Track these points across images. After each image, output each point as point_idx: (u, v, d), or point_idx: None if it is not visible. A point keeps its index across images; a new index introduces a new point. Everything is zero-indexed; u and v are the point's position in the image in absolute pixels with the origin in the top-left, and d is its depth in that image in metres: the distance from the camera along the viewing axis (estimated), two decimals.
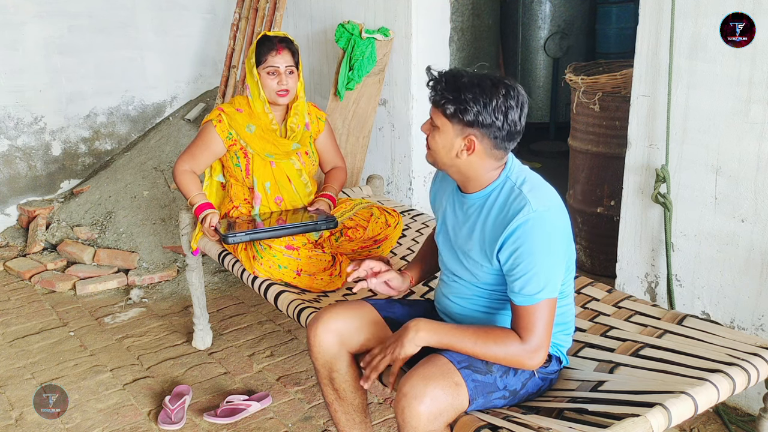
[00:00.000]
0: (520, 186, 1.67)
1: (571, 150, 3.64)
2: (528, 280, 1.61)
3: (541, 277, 1.61)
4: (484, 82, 1.61)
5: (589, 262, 3.62)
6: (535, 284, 1.61)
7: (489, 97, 1.60)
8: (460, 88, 1.61)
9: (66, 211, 4.16)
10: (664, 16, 2.43)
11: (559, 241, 1.65)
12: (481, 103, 1.60)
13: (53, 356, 3.07)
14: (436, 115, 1.67)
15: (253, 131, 2.59)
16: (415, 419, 1.56)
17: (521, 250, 1.61)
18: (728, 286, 2.46)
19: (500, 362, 1.66)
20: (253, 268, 2.46)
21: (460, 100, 1.60)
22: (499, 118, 1.61)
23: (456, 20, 4.87)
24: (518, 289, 1.63)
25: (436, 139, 1.69)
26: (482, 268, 1.74)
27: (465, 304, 1.84)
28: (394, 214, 2.74)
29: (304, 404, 2.68)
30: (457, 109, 1.61)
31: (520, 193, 1.65)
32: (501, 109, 1.61)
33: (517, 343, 1.63)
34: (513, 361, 1.64)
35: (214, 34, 4.79)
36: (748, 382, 1.72)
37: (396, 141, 3.69)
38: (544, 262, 1.61)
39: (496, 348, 1.63)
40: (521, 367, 1.66)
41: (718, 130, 2.37)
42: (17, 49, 4.13)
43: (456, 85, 1.61)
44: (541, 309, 1.63)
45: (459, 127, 1.64)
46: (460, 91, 1.60)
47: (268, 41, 2.55)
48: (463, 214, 1.78)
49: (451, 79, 1.63)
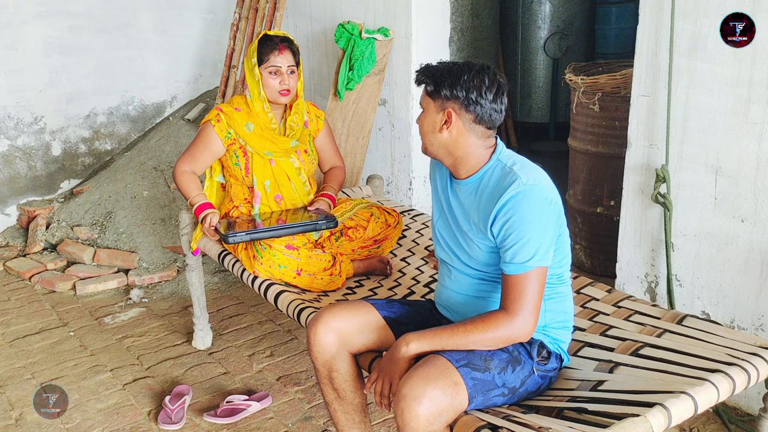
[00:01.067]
0: (511, 166, 1.76)
1: (571, 150, 3.64)
2: (519, 249, 1.67)
3: (531, 245, 1.67)
4: (458, 64, 1.77)
5: (589, 262, 3.62)
6: (526, 252, 1.67)
7: (461, 72, 1.74)
8: (438, 69, 1.78)
9: (66, 211, 4.16)
10: (664, 16, 2.43)
11: (549, 212, 1.71)
12: (455, 76, 1.73)
13: (53, 356, 3.07)
14: (422, 98, 1.82)
15: (251, 130, 2.59)
16: (414, 421, 1.56)
17: (512, 220, 1.68)
18: (728, 286, 2.46)
19: (494, 344, 1.69)
20: (253, 267, 2.46)
21: (436, 77, 1.76)
22: (471, 90, 1.73)
23: (456, 20, 4.87)
24: (509, 259, 1.69)
25: (422, 120, 1.82)
26: (478, 245, 1.79)
27: (462, 290, 1.87)
28: (394, 214, 2.74)
29: (304, 404, 2.68)
30: (435, 85, 1.76)
31: (511, 170, 1.74)
32: (473, 83, 1.73)
33: (505, 321, 1.68)
34: (504, 339, 1.69)
35: (214, 34, 4.79)
36: (748, 382, 1.72)
37: (396, 141, 3.69)
38: (535, 230, 1.68)
39: (486, 332, 1.68)
40: (514, 342, 1.71)
41: (718, 130, 2.37)
42: (17, 49, 4.13)
43: (435, 67, 1.79)
44: (531, 278, 1.68)
45: (438, 103, 1.77)
46: (438, 70, 1.77)
47: (270, 41, 2.55)
48: (459, 198, 1.84)
49: (433, 65, 1.81)
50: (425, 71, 1.80)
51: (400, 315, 1.95)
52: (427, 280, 2.50)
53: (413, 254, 2.71)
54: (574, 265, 3.66)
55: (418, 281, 2.51)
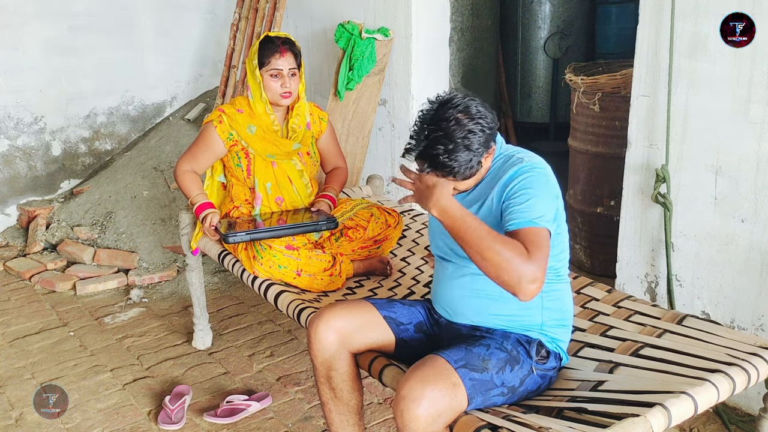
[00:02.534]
0: (513, 154, 1.81)
1: (571, 150, 3.64)
2: (525, 208, 1.67)
3: (537, 206, 1.68)
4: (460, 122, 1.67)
5: (589, 262, 3.62)
6: (532, 211, 1.67)
7: (478, 124, 1.69)
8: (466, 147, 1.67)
9: (66, 211, 4.16)
10: (664, 16, 2.43)
11: (550, 187, 1.75)
12: (481, 132, 1.69)
13: (53, 356, 3.07)
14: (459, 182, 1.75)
15: (254, 132, 2.59)
16: (413, 422, 1.56)
17: (517, 187, 1.71)
18: (728, 286, 2.46)
19: (498, 269, 1.57)
20: (253, 268, 2.46)
21: (476, 153, 1.69)
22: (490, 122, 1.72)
23: (456, 20, 4.87)
24: (517, 215, 1.66)
25: (467, 184, 1.78)
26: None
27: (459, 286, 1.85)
28: (394, 215, 2.74)
29: (304, 404, 2.68)
30: (479, 158, 1.71)
31: (512, 156, 1.80)
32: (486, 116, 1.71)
33: (525, 257, 1.57)
34: (512, 270, 1.56)
35: (214, 34, 4.79)
36: (748, 382, 1.72)
37: (396, 141, 3.69)
38: (540, 195, 1.70)
39: (504, 250, 1.57)
40: (516, 286, 1.56)
41: (718, 130, 2.37)
42: (17, 49, 4.13)
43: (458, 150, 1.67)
44: (541, 234, 1.63)
45: (477, 161, 1.72)
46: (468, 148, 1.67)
47: (271, 43, 2.55)
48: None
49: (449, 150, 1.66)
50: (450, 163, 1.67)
51: (400, 315, 1.95)
52: (427, 280, 2.49)
53: (413, 254, 2.71)
54: (574, 265, 3.66)
55: (418, 281, 2.51)
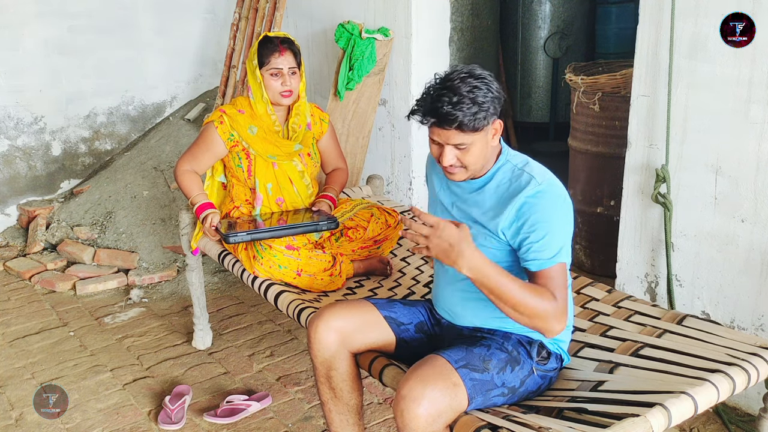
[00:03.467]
0: (522, 167, 1.76)
1: (571, 150, 3.64)
2: (545, 245, 1.67)
3: (555, 241, 1.67)
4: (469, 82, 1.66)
5: (589, 262, 3.62)
6: (551, 248, 1.67)
7: (486, 85, 1.67)
8: (472, 100, 1.64)
9: (66, 211, 4.16)
10: (664, 16, 2.43)
11: (566, 208, 1.72)
12: (488, 91, 1.66)
13: (53, 356, 3.07)
14: (464, 137, 1.67)
15: (255, 133, 2.59)
16: (414, 422, 1.56)
17: (533, 219, 1.68)
18: (728, 286, 2.46)
19: (531, 318, 1.61)
20: (253, 268, 2.46)
21: (482, 107, 1.65)
22: (498, 89, 1.70)
23: (456, 20, 4.86)
24: (535, 256, 1.68)
25: (472, 153, 1.71)
26: (482, 244, 1.75)
27: (460, 289, 1.84)
28: (394, 214, 2.74)
29: (304, 404, 2.68)
30: (487, 114, 1.67)
31: (523, 172, 1.74)
32: (493, 82, 1.69)
33: (553, 301, 1.63)
34: (543, 317, 1.61)
35: (214, 34, 4.79)
36: (748, 382, 1.73)
37: (396, 141, 3.69)
38: (557, 226, 1.68)
39: (535, 301, 1.61)
40: (546, 328, 1.63)
41: (718, 130, 2.37)
42: (17, 49, 4.13)
43: (466, 103, 1.63)
44: (559, 272, 1.67)
45: (488, 127, 1.70)
46: (474, 101, 1.64)
47: (270, 43, 2.55)
48: (459, 198, 1.84)
49: (456, 103, 1.64)
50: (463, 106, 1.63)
51: (400, 315, 1.95)
52: (427, 280, 2.50)
53: (413, 254, 2.71)
54: (574, 264, 3.66)
55: (418, 281, 2.51)
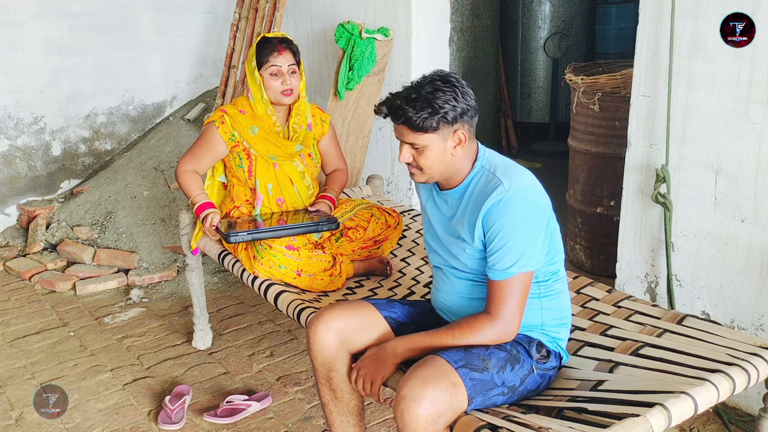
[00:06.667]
0: (494, 171, 1.76)
1: (571, 150, 3.64)
2: (501, 256, 1.70)
3: (514, 252, 1.68)
4: (435, 85, 1.69)
5: (589, 262, 3.62)
6: (508, 259, 1.69)
7: (452, 91, 1.69)
8: (428, 101, 1.67)
9: (66, 211, 4.16)
10: (664, 16, 2.43)
11: (534, 216, 1.71)
12: (452, 98, 1.68)
13: (53, 356, 3.07)
14: (415, 137, 1.72)
15: (256, 133, 2.58)
16: (414, 422, 1.56)
17: (495, 227, 1.70)
18: (728, 286, 2.46)
19: (479, 342, 1.73)
20: (253, 268, 2.46)
21: (437, 110, 1.67)
22: (468, 100, 1.71)
23: (456, 20, 4.87)
24: (492, 264, 1.72)
25: (427, 156, 1.74)
26: (466, 251, 1.79)
27: (457, 293, 1.88)
28: (394, 215, 2.74)
29: (304, 404, 2.68)
30: (440, 118, 1.68)
31: (494, 176, 1.74)
32: (466, 92, 1.71)
33: (489, 325, 1.71)
34: (490, 341, 1.72)
35: (214, 34, 4.79)
36: (748, 382, 1.72)
37: (396, 141, 3.67)
38: (518, 237, 1.68)
39: (473, 335, 1.72)
40: (495, 341, 1.73)
41: (718, 130, 2.37)
42: (17, 49, 4.13)
43: (420, 101, 1.67)
44: (514, 283, 1.70)
45: (445, 131, 1.71)
46: (430, 102, 1.67)
47: (269, 43, 2.55)
48: (447, 206, 1.85)
49: (411, 99, 1.68)
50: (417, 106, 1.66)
51: (400, 315, 1.95)
52: (427, 280, 2.50)
53: (413, 254, 2.71)
54: (575, 264, 3.67)
55: (418, 281, 2.51)
